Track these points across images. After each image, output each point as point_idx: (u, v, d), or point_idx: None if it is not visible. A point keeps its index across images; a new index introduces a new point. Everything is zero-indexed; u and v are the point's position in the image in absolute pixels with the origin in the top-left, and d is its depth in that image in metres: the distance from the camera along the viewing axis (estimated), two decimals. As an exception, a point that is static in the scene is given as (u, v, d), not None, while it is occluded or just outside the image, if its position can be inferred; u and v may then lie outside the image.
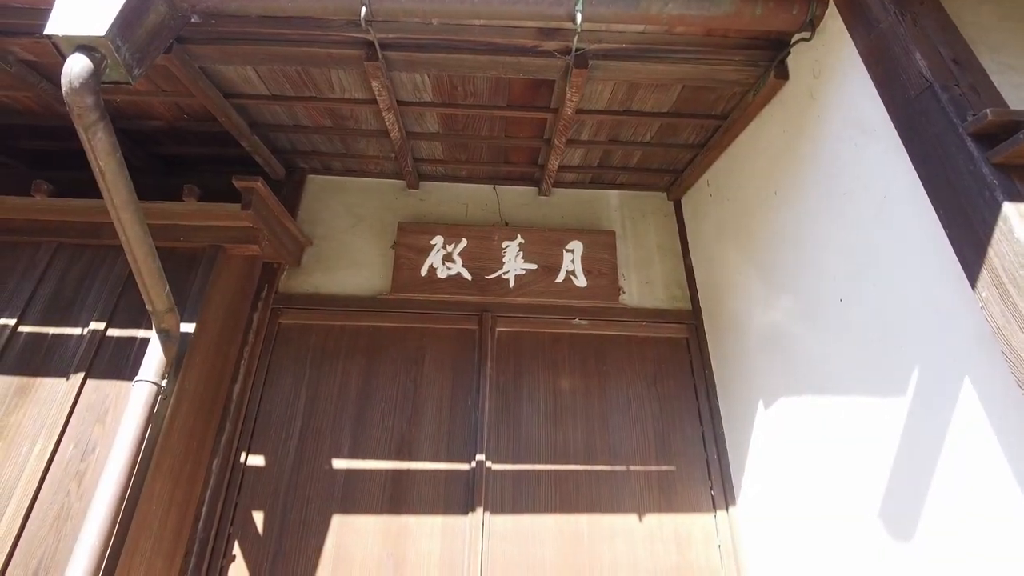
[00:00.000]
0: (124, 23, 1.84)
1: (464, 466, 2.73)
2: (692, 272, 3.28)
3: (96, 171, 1.87)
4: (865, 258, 1.91)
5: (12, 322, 2.52)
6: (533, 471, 2.75)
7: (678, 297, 3.24)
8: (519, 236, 3.26)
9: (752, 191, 2.70)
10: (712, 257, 3.07)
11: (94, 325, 2.52)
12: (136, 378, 2.22)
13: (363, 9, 2.05)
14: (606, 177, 3.48)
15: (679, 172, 3.38)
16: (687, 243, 3.37)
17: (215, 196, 2.82)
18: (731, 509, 2.71)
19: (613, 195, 3.55)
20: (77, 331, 2.53)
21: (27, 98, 2.79)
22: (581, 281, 3.17)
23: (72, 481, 2.23)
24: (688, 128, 2.96)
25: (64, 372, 2.43)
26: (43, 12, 2.20)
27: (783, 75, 2.42)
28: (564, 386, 2.95)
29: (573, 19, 2.10)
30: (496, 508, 2.65)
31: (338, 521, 2.60)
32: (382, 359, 2.96)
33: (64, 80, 1.72)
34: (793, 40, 2.29)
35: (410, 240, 3.22)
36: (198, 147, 3.21)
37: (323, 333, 3.02)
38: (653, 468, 2.80)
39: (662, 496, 2.75)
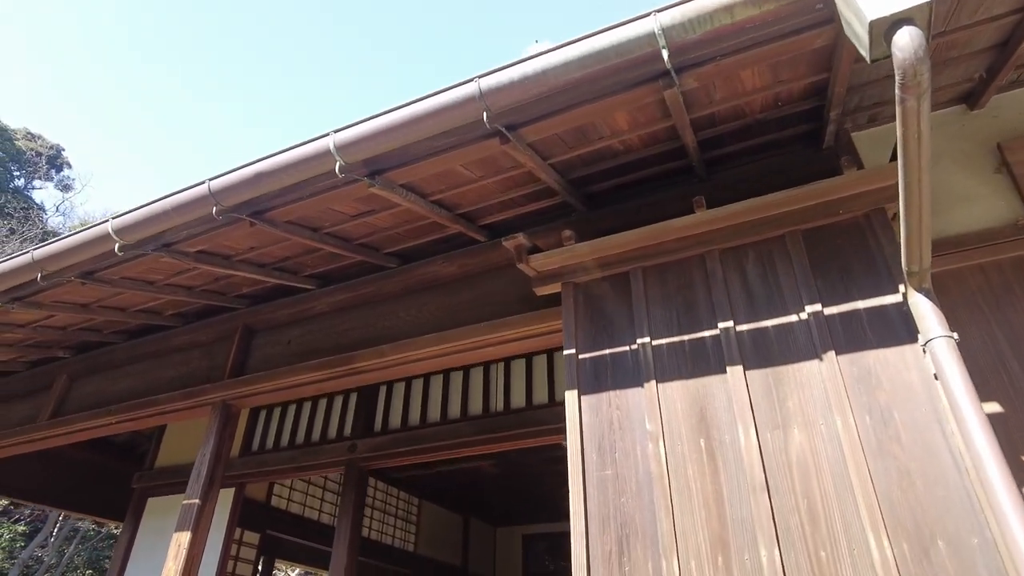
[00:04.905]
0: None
1: None
2: None
3: (913, 136, 1.90)
4: None
5: (730, 324, 2.79)
6: None
7: None
8: None
9: None
10: None
11: (810, 308, 2.67)
12: (929, 338, 2.28)
13: None
14: None
15: None
16: None
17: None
18: None
19: None
20: (794, 318, 2.71)
21: (640, 137, 3.12)
22: None
23: (893, 444, 2.34)
24: None
25: (812, 355, 2.59)
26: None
27: None
28: None
29: None
30: None
31: None
32: (1067, 281, 2.78)
33: (903, 57, 1.74)
34: None
35: (1024, 157, 3.01)
36: (747, 140, 3.33)
37: (975, 275, 2.92)
38: None
39: None
